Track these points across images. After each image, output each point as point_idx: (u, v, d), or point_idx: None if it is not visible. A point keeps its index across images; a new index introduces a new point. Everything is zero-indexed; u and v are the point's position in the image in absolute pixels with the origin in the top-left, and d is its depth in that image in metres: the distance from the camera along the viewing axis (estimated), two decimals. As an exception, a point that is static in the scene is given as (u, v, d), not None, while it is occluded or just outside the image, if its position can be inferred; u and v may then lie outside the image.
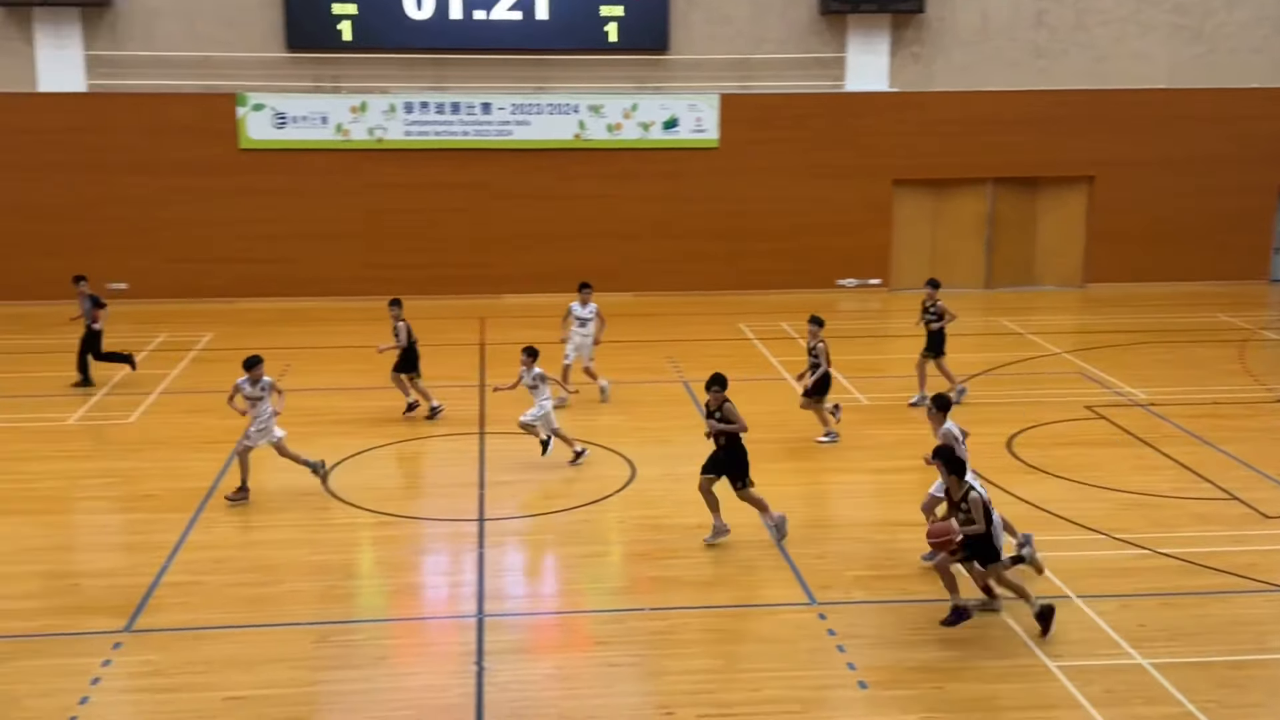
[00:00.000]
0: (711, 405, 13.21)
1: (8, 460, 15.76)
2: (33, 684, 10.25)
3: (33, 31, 24.56)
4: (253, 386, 14.43)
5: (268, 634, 11.22)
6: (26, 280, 24.86)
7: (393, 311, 17.95)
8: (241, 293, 25.64)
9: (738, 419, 13.07)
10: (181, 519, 13.89)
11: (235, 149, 25.40)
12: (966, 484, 11.21)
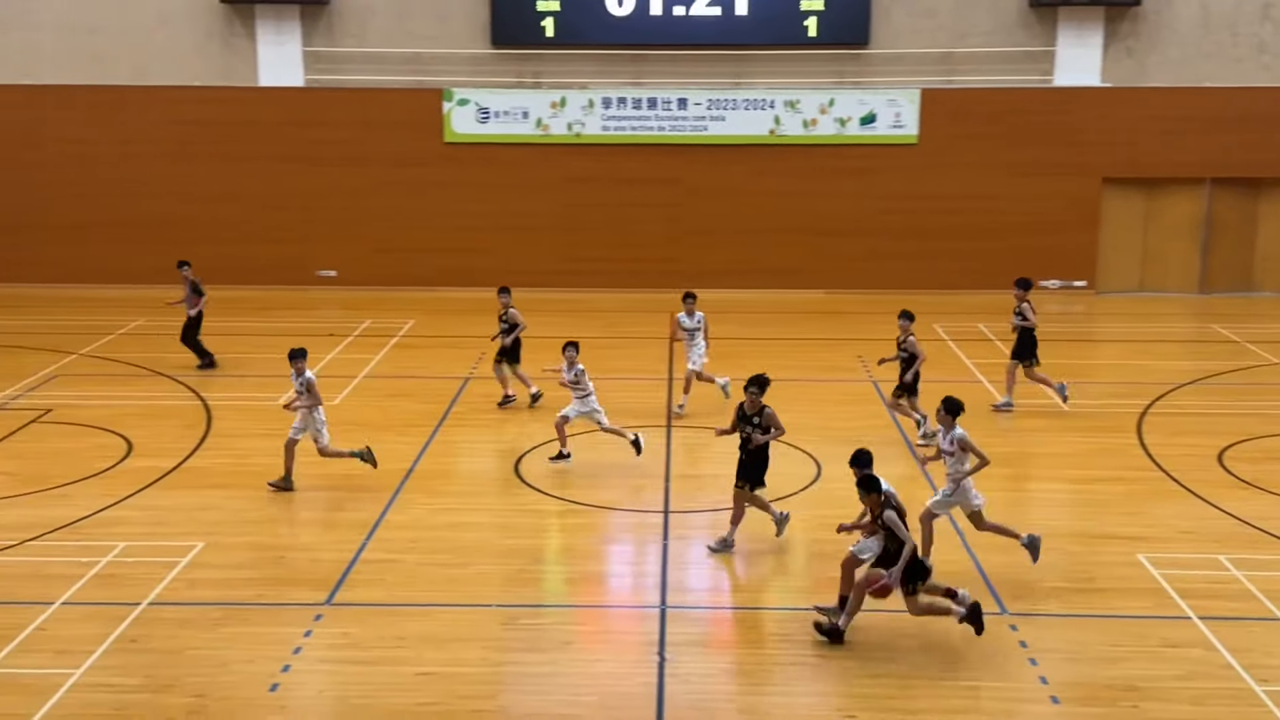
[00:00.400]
0: (749, 409, 12.80)
1: (226, 437, 16.63)
2: (240, 650, 10.80)
3: (255, 28, 25.82)
4: (295, 380, 14.68)
5: (458, 614, 11.55)
6: (243, 266, 26.15)
7: (502, 299, 18.27)
8: (442, 282, 26.41)
9: (777, 424, 12.76)
10: (381, 499, 14.41)
11: (440, 143, 26.19)
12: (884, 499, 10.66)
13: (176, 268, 20.38)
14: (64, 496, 14.32)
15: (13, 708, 9.77)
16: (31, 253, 25.90)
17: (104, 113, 25.78)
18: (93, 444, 16.20)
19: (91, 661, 10.52)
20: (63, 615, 11.38)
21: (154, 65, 25.82)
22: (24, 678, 10.25)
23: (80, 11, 25.61)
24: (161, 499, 14.38)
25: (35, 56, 25.69)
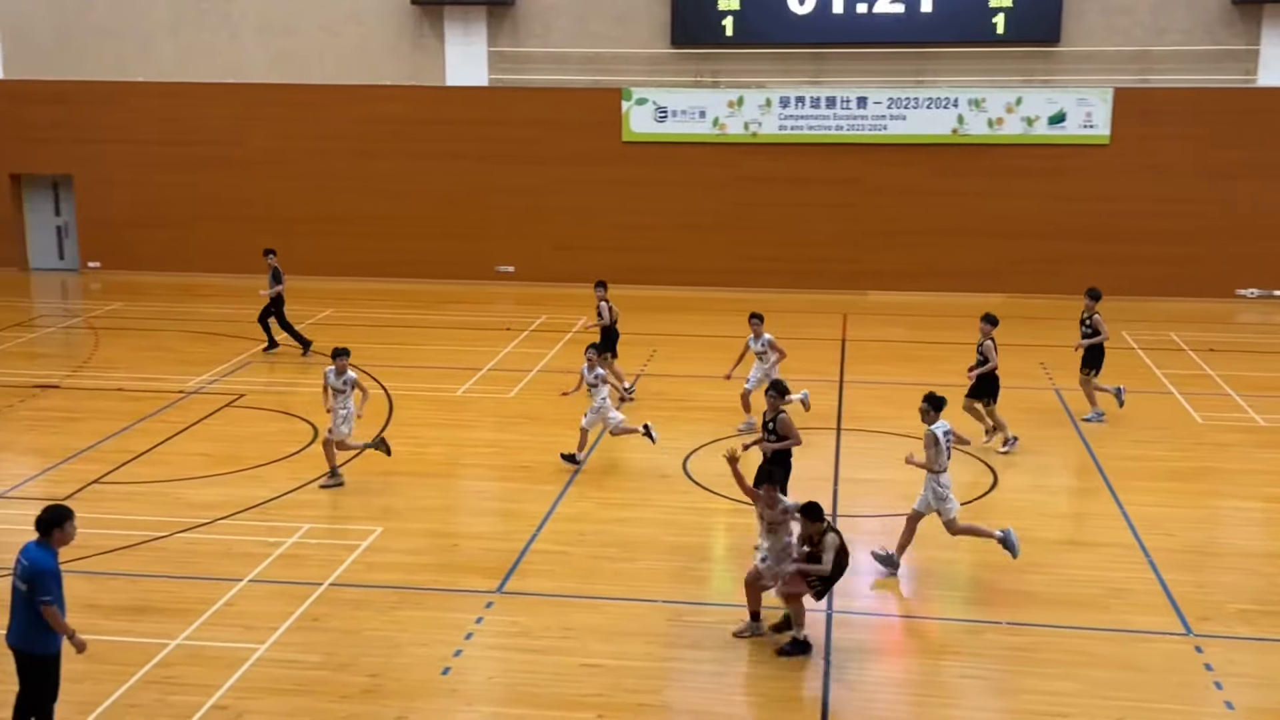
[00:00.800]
0: (767, 414, 12.77)
1: (406, 426, 17.13)
2: (414, 633, 11.11)
3: (444, 29, 26.53)
4: (337, 379, 14.70)
5: (625, 607, 11.64)
6: (425, 260, 26.93)
7: (598, 292, 18.63)
8: (617, 279, 26.50)
9: (792, 432, 12.62)
10: (552, 491, 14.64)
11: (618, 141, 26.46)
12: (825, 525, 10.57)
13: (263, 255, 21.22)
14: (254, 478, 14.97)
15: (202, 678, 10.26)
16: (233, 244, 27.15)
17: (299, 111, 26.87)
18: (281, 429, 16.89)
19: (275, 638, 10.96)
20: (250, 592, 11.90)
21: (347, 65, 26.78)
22: (212, 650, 10.75)
23: (279, 14, 26.74)
24: (339, 486, 14.89)
25: (238, 57, 26.94)
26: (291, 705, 9.89)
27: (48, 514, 8.79)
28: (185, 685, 10.13)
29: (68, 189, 28.04)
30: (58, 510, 8.84)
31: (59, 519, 8.77)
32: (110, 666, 10.30)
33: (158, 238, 27.43)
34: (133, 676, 10.22)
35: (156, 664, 10.46)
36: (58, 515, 8.79)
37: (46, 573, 8.60)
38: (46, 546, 8.72)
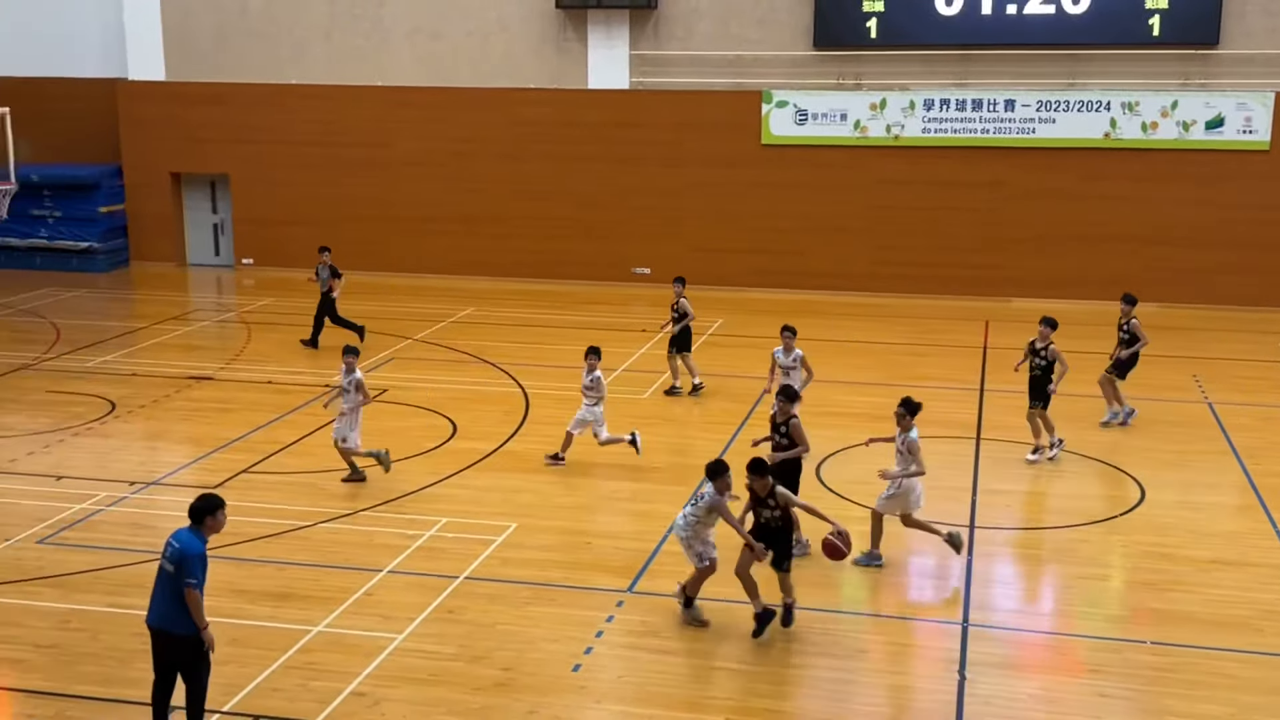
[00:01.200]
0: (778, 419, 12.73)
1: (542, 424, 17.34)
2: (546, 628, 11.24)
3: (587, 33, 26.79)
4: (344, 377, 14.74)
5: (746, 610, 11.57)
6: (563, 260, 27.22)
7: (676, 288, 18.76)
8: (753, 283, 26.60)
9: (802, 439, 12.62)
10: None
11: (758, 144, 26.37)
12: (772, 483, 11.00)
13: (318, 252, 21.76)
14: (394, 472, 15.31)
15: (341, 665, 10.54)
16: (377, 243, 27.85)
17: (444, 113, 27.41)
18: (422, 424, 17.26)
19: (412, 628, 11.20)
20: (388, 582, 12.18)
21: (492, 69, 27.23)
22: (352, 638, 11.04)
23: (428, 19, 27.31)
24: (480, 480, 15.15)
25: (387, 60, 27.61)
26: (427, 695, 10.10)
27: (201, 502, 9.13)
28: (326, 671, 10.42)
29: (224, 187, 29.09)
30: (211, 499, 9.17)
31: (211, 507, 9.10)
32: (254, 650, 10.65)
33: (307, 235, 28.22)
34: (276, 661, 10.55)
35: (299, 649, 10.78)
36: (210, 504, 9.12)
37: (195, 557, 8.92)
38: (197, 533, 9.05)
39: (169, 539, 9.10)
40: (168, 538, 9.14)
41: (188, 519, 9.10)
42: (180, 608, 8.92)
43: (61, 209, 28.41)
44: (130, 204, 29.09)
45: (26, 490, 14.68)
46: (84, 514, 13.88)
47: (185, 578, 8.86)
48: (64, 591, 11.91)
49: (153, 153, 28.65)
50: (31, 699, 10.02)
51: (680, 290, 18.92)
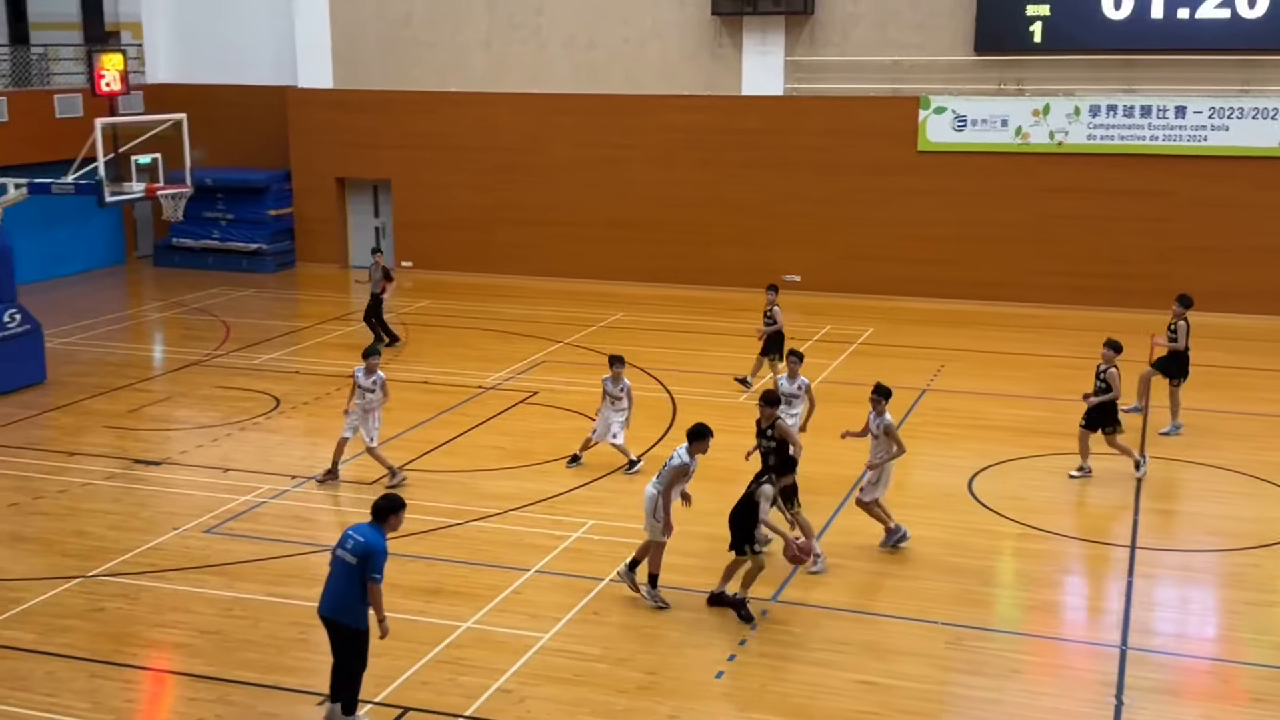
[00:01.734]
0: (763, 423, 12.85)
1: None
2: (690, 634, 11.24)
3: (742, 39, 26.75)
4: (366, 378, 14.74)
5: (902, 626, 11.40)
6: (713, 267, 27.20)
7: (769, 296, 18.89)
8: (905, 291, 26.18)
9: (792, 438, 12.81)
10: (830, 502, 14.50)
11: (914, 151, 25.96)
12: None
13: (370, 253, 22.26)
14: (543, 473, 15.52)
15: (489, 661, 10.72)
16: (532, 248, 28.28)
17: (598, 119, 27.68)
18: (570, 426, 17.44)
19: (558, 628, 11.33)
20: (536, 582, 12.34)
21: (646, 75, 27.40)
22: (499, 635, 11.21)
23: (585, 27, 27.63)
24: (627, 483, 15.23)
25: (544, 68, 28.01)
26: (571, 694, 10.19)
27: (385, 501, 9.47)
28: (473, 667, 10.61)
29: (385, 192, 29.91)
30: (395, 499, 9.52)
31: (395, 507, 9.45)
32: (406, 644, 10.90)
33: (463, 239, 28.87)
34: (426, 655, 10.79)
35: (448, 645, 11.00)
36: (395, 504, 9.47)
37: (381, 552, 9.25)
38: (379, 529, 9.37)
39: (348, 532, 9.42)
40: (346, 530, 9.47)
41: (370, 515, 9.41)
42: (354, 599, 9.25)
43: (233, 212, 29.58)
44: (297, 207, 30.14)
45: (195, 481, 15.32)
46: (248, 506, 14.41)
47: (371, 572, 9.19)
48: (228, 580, 12.38)
49: (319, 158, 29.62)
50: (196, 683, 10.43)
51: (773, 298, 18.95)
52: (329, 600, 9.38)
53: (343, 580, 9.27)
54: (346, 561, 9.26)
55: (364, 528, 9.37)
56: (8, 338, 18.99)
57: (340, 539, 9.42)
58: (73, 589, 12.14)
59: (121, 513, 14.23)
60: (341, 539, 9.40)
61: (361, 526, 9.40)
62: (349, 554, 9.26)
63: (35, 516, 14.08)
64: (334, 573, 9.37)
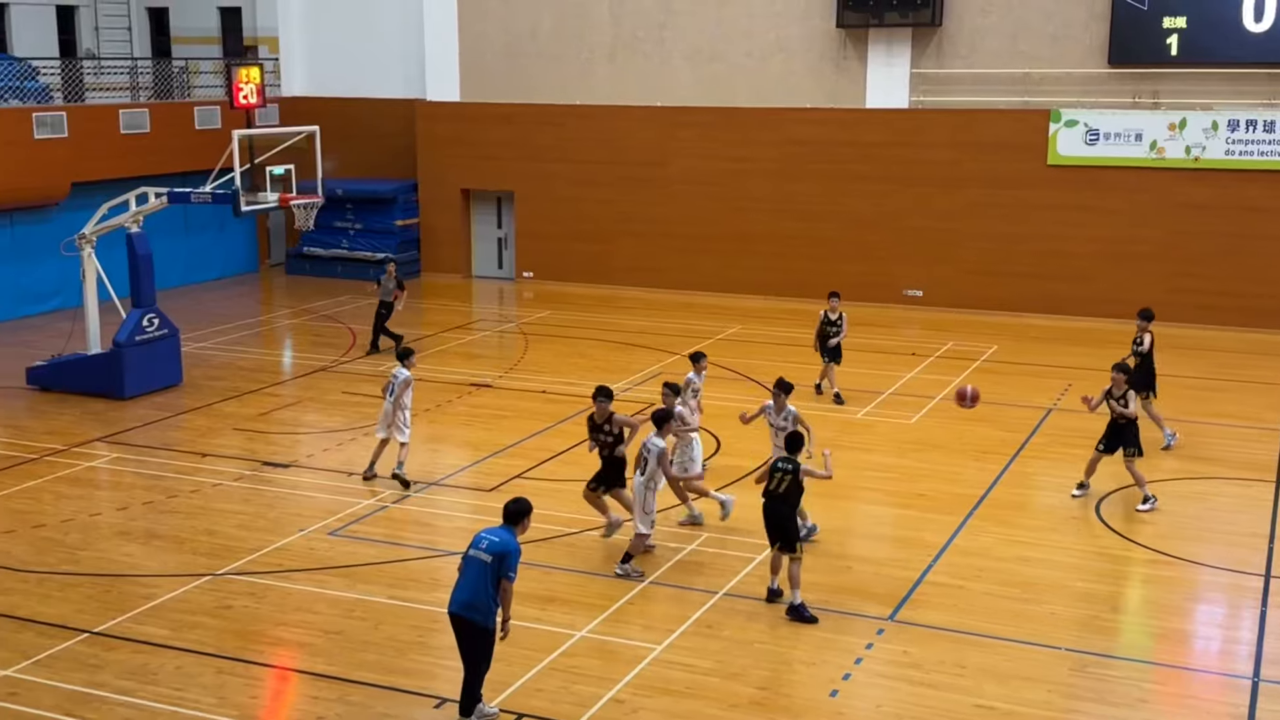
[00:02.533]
0: (599, 418, 13.09)
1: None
2: (804, 651, 11.14)
3: (867, 51, 26.52)
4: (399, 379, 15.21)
5: (1024, 651, 11.14)
6: (833, 282, 26.70)
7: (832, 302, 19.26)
8: (1031, 308, 25.63)
9: (630, 423, 13.25)
10: (950, 522, 14.25)
11: (1043, 165, 25.42)
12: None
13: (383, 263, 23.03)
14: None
15: (601, 671, 10.76)
16: (651, 260, 28.38)
17: (720, 132, 27.68)
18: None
19: (671, 640, 11.32)
20: (649, 593, 12.36)
21: (769, 88, 27.32)
22: (613, 645, 11.25)
23: (708, 41, 27.67)
24: (742, 497, 15.13)
25: (667, 81, 28.12)
26: (683, 707, 10.17)
27: (517, 505, 9.76)
28: (587, 676, 10.66)
29: (509, 203, 30.31)
30: (525, 503, 9.81)
31: (526, 510, 9.76)
32: (521, 650, 11.00)
33: (584, 251, 29.10)
34: (540, 663, 10.88)
35: (562, 653, 11.07)
36: (526, 507, 9.79)
37: (516, 552, 9.55)
38: (512, 531, 9.63)
39: (482, 534, 9.66)
40: (479, 533, 9.70)
41: (502, 519, 9.70)
42: (486, 598, 9.49)
43: (362, 221, 30.27)
44: (423, 218, 30.72)
45: (320, 484, 15.69)
46: (370, 509, 14.71)
47: (507, 571, 9.46)
48: (350, 581, 12.65)
49: (446, 170, 30.16)
50: (318, 682, 10.67)
51: (837, 304, 19.26)
52: (461, 598, 9.58)
53: (476, 579, 9.48)
54: (482, 561, 9.47)
55: (499, 530, 9.63)
56: (147, 341, 19.69)
57: (474, 540, 9.65)
58: (202, 586, 12.52)
59: (250, 513, 14.64)
60: (475, 540, 9.63)
61: (497, 529, 9.65)
62: (484, 553, 9.48)
63: (168, 515, 14.57)
64: (467, 572, 9.57)
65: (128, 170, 25.91)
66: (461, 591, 9.58)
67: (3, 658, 10.95)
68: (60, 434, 17.63)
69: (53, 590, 12.42)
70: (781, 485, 11.84)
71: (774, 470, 11.92)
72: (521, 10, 28.97)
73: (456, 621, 9.63)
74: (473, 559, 9.54)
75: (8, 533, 13.91)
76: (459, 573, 9.68)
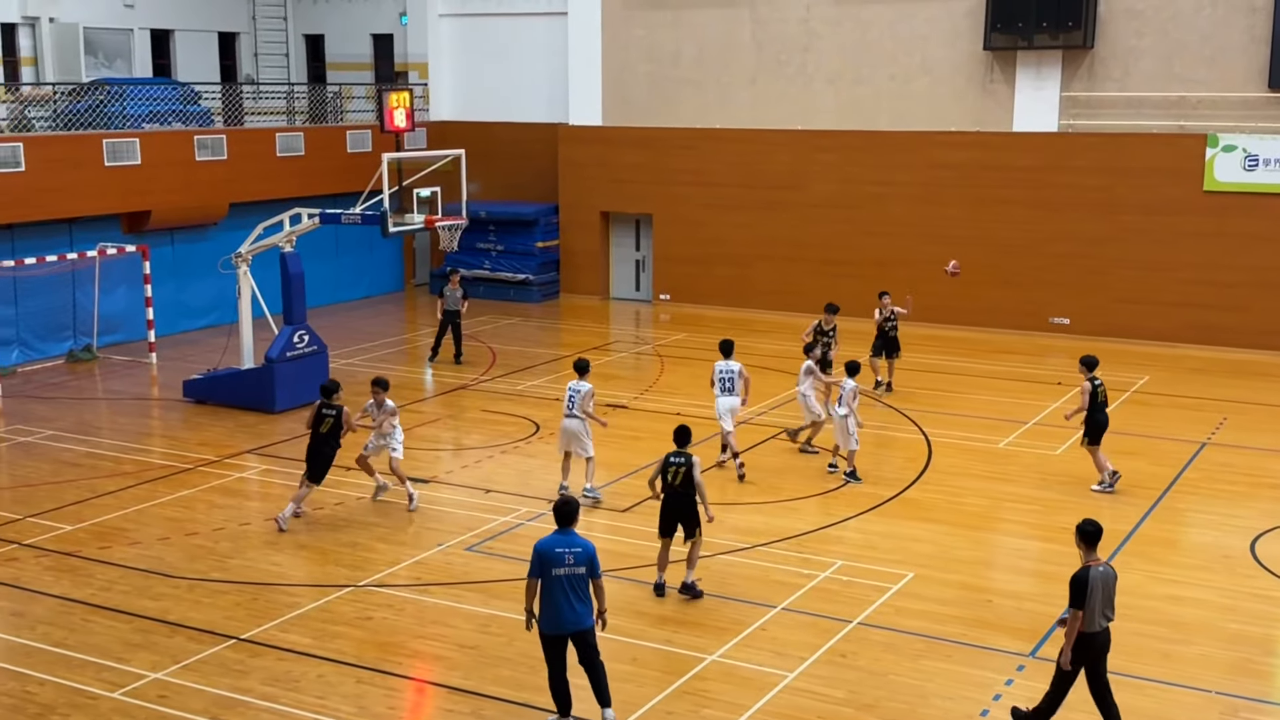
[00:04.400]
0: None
1: (944, 474, 16.91)
2: (940, 685, 10.90)
3: (1015, 74, 26.02)
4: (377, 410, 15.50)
5: (1171, 693, 10.74)
6: (977, 308, 26.46)
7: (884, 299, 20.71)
8: (1183, 338, 24.77)
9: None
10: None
11: (1199, 191, 24.58)
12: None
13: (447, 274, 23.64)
14: (791, 510, 15.42)
15: (733, 696, 10.70)
16: (788, 283, 28.23)
17: (861, 155, 27.45)
18: (821, 464, 17.26)
19: (803, 668, 11.20)
20: (782, 620, 12.25)
21: (912, 112, 27.00)
22: (744, 671, 11.18)
23: (851, 64, 27.49)
24: (878, 525, 14.96)
25: (808, 104, 28.01)
26: (813, 737, 10.04)
27: (568, 506, 10.05)
28: (716, 701, 10.61)
29: (647, 226, 30.51)
30: (574, 500, 10.21)
31: (577, 506, 10.14)
32: (652, 672, 11.02)
33: (720, 274, 29.10)
34: (670, 685, 10.86)
35: (692, 676, 11.04)
36: (576, 504, 10.15)
37: (595, 551, 9.90)
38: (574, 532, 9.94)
39: (556, 549, 9.78)
40: (550, 549, 9.80)
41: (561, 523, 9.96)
42: (587, 604, 9.71)
43: (504, 243, 30.81)
44: (563, 240, 31.11)
45: (458, 500, 15.98)
46: (506, 526, 14.91)
47: (598, 570, 9.77)
48: (485, 597, 12.83)
49: (586, 193, 30.52)
50: (453, 695, 10.84)
51: (888, 301, 20.72)
52: (568, 616, 9.73)
53: (578, 590, 9.70)
54: (577, 574, 9.68)
55: (573, 537, 9.85)
56: (297, 357, 20.33)
57: (554, 558, 9.73)
58: (344, 597, 12.84)
59: (390, 526, 14.97)
60: (556, 557, 9.74)
61: (570, 536, 9.84)
62: (576, 565, 9.70)
63: (315, 526, 14.99)
64: (563, 590, 9.71)
65: (282, 191, 26.89)
66: (569, 609, 9.71)
67: (154, 661, 11.38)
68: (213, 445, 18.30)
69: (203, 596, 12.87)
70: (677, 478, 12.61)
71: (667, 465, 12.68)
72: (665, 36, 29.20)
73: (576, 638, 9.81)
74: (565, 577, 9.70)
75: (162, 540, 14.48)
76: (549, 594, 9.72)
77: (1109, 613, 9.68)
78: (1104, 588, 9.63)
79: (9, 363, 22.72)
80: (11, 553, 14.03)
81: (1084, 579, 9.54)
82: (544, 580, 9.74)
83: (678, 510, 12.65)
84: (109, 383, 22.43)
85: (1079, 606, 9.50)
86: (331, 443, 14.93)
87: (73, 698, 10.68)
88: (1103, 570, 9.71)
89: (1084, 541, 9.79)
